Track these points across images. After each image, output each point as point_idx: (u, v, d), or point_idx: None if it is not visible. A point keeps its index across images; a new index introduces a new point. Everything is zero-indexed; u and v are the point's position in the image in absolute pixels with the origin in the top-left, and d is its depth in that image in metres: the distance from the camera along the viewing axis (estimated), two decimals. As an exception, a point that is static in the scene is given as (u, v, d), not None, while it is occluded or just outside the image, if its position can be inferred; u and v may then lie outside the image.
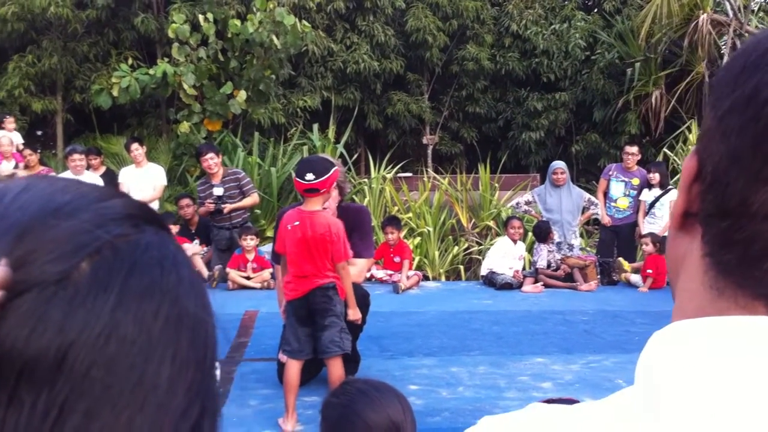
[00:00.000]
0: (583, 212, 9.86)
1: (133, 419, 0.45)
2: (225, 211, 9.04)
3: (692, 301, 0.59)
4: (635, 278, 9.18)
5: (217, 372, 0.57)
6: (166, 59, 12.18)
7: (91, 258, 0.46)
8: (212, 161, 9.12)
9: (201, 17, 11.90)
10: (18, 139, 11.41)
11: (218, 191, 9.05)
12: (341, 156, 12.41)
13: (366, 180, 12.22)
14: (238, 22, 11.97)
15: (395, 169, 12.43)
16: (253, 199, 9.37)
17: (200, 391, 0.49)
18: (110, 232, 0.48)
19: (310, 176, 4.31)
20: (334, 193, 4.79)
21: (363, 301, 4.98)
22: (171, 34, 11.90)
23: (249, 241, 8.90)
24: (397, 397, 2.06)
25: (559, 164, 9.89)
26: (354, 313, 4.57)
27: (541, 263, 9.14)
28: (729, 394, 0.51)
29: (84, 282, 0.45)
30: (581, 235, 10.61)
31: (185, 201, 9.73)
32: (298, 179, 4.36)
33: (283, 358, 4.67)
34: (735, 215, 0.55)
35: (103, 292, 0.45)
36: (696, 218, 0.59)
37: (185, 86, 11.93)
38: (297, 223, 4.41)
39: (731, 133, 0.55)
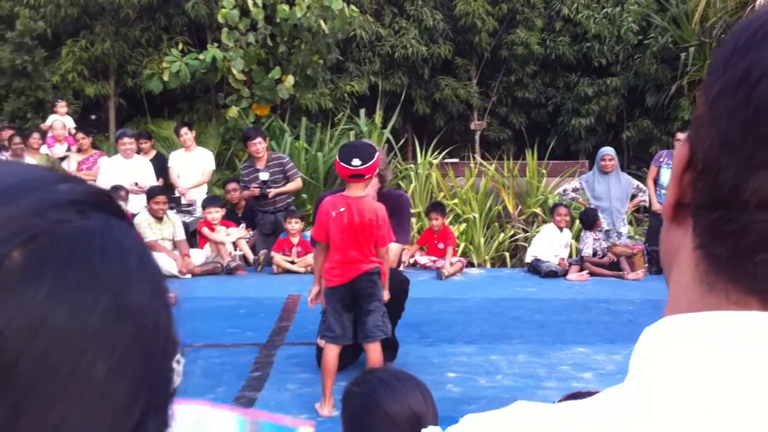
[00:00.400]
0: (631, 199, 9.71)
1: (66, 414, 0.43)
2: (270, 196, 9.12)
3: (684, 295, 0.57)
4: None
5: (178, 366, 0.55)
6: (216, 44, 12.29)
7: (24, 246, 0.44)
8: (260, 146, 9.21)
9: (250, 2, 11.96)
10: (70, 123, 11.66)
11: (264, 176, 9.14)
12: (388, 141, 12.39)
13: (412, 165, 12.19)
14: (286, 7, 12.00)
15: (442, 155, 12.37)
16: (296, 183, 9.46)
17: (145, 386, 0.47)
18: (48, 218, 0.46)
19: (356, 161, 4.29)
20: (374, 180, 4.77)
21: (401, 287, 4.98)
22: (221, 19, 12.00)
23: (294, 225, 8.96)
24: (418, 387, 2.06)
25: (607, 150, 9.75)
26: (386, 294, 4.59)
27: (587, 251, 9.03)
28: (721, 391, 0.50)
29: (15, 270, 0.43)
30: (630, 223, 10.46)
31: (232, 185, 9.83)
32: (343, 164, 4.34)
33: (321, 342, 4.69)
34: (726, 205, 0.52)
35: (34, 281, 0.44)
36: (688, 209, 0.56)
37: (234, 71, 12.03)
38: (343, 209, 4.39)
39: (721, 117, 0.53)
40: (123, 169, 9.67)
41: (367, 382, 2.08)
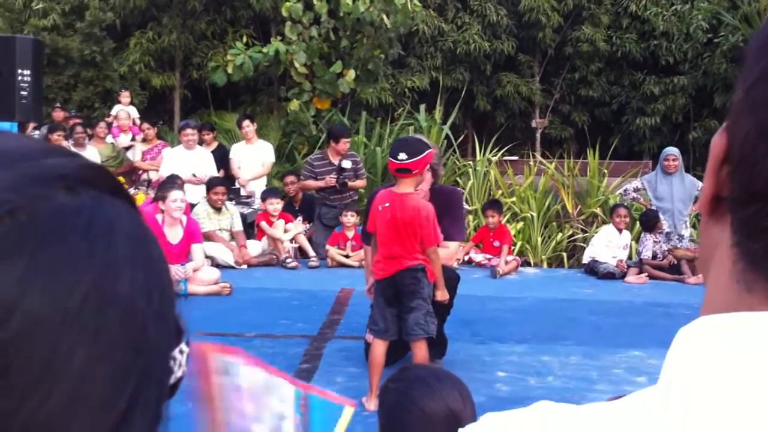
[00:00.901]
0: (695, 201, 9.48)
1: (40, 406, 0.40)
2: (347, 185, 9.23)
3: (721, 295, 0.54)
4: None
5: (181, 356, 0.52)
6: (279, 38, 12.39)
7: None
8: (348, 145, 9.41)
9: (314, -4, 12.03)
10: (134, 113, 11.90)
11: (347, 164, 9.25)
12: (447, 137, 12.33)
13: (471, 162, 12.11)
14: (349, 1, 12.01)
15: (501, 152, 12.26)
16: (363, 182, 9.56)
17: (133, 378, 0.43)
18: (29, 193, 0.42)
19: (402, 156, 4.28)
20: (427, 176, 4.74)
21: (451, 283, 4.94)
22: (284, 13, 12.09)
23: (350, 218, 8.98)
24: (456, 385, 2.02)
25: (671, 150, 9.54)
26: (442, 294, 4.56)
27: (646, 254, 8.85)
28: (759, 395, 0.47)
29: None
30: (693, 226, 10.21)
31: (290, 178, 9.89)
32: (391, 158, 4.35)
33: (369, 338, 4.69)
34: (763, 198, 0.49)
35: (8, 259, 0.40)
36: (726, 203, 0.53)
37: (296, 65, 12.11)
38: (387, 204, 4.39)
39: (759, 105, 0.50)
40: (185, 160, 9.82)
41: (404, 379, 2.06)
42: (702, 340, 0.51)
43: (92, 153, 10.30)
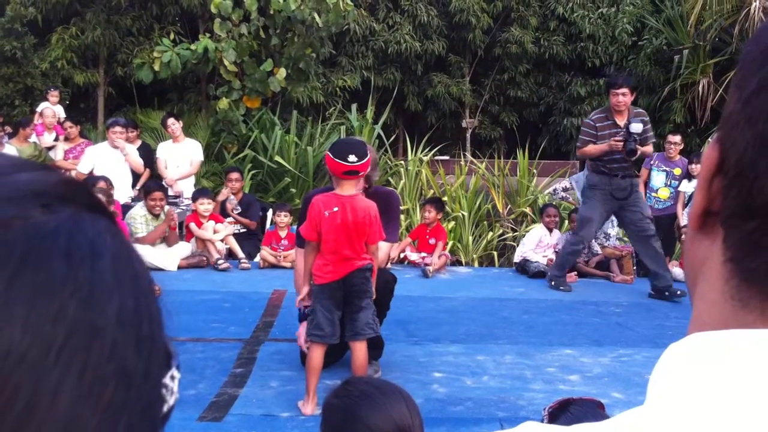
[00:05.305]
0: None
1: None
2: (637, 152, 7.56)
3: (711, 312, 0.52)
4: (678, 271, 8.95)
5: (172, 383, 0.48)
6: (208, 35, 12.18)
7: None
8: (623, 98, 7.63)
9: (243, -7, 11.87)
10: (61, 112, 11.55)
11: (636, 128, 7.49)
12: (379, 137, 12.33)
13: (402, 162, 12.13)
14: (280, -1, 11.91)
15: (433, 152, 12.31)
16: (650, 148, 7.97)
17: (125, 414, 0.39)
18: (1, 213, 0.38)
19: (352, 158, 4.22)
20: (360, 180, 4.71)
21: (387, 286, 4.92)
22: (213, 10, 11.88)
23: (282, 218, 8.85)
24: (402, 398, 1.96)
25: (598, 151, 9.68)
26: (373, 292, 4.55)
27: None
28: (759, 418, 0.44)
29: None
30: (619, 225, 10.40)
31: (235, 174, 9.63)
32: (339, 161, 4.25)
33: (304, 347, 4.62)
34: (763, 215, 0.47)
35: None
36: (717, 218, 0.51)
37: (226, 62, 11.92)
38: (336, 209, 4.32)
39: (759, 117, 0.47)
40: (108, 157, 9.56)
41: (348, 395, 1.97)
42: (696, 359, 0.49)
43: (12, 152, 9.95)
